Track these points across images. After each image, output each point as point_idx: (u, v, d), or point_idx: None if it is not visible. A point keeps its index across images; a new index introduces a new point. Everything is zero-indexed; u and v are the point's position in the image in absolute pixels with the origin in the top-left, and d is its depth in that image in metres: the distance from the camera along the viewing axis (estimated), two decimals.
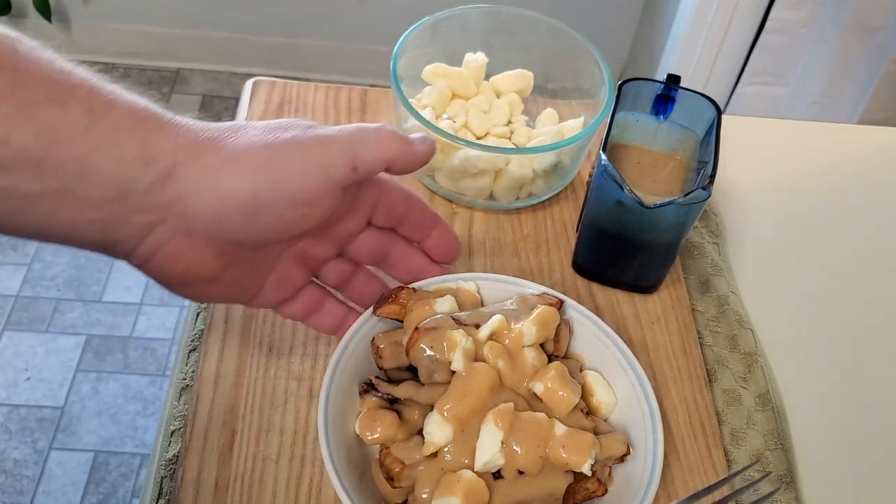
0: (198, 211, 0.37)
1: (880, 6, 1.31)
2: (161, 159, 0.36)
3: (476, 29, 0.64)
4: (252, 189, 0.38)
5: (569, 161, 0.59)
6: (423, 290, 0.48)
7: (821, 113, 1.46)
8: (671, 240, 0.53)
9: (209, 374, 0.50)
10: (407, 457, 0.42)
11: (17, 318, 1.53)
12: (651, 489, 0.42)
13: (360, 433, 0.44)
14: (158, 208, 0.37)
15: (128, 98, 0.36)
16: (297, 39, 2.02)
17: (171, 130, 0.37)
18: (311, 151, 0.39)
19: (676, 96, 0.55)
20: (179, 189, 0.36)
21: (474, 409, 0.42)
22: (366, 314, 0.47)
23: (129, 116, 0.35)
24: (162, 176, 0.36)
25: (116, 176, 0.35)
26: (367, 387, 0.45)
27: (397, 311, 0.47)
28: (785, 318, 0.59)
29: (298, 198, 0.39)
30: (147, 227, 0.37)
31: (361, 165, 0.40)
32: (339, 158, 0.40)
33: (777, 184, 0.68)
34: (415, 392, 0.44)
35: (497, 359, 0.44)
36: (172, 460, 0.47)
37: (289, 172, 0.38)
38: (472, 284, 0.49)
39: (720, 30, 1.48)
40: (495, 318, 0.45)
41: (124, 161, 0.35)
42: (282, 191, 0.38)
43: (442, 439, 0.42)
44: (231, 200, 0.37)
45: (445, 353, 0.43)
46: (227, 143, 0.38)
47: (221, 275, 0.41)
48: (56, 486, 1.33)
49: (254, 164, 0.38)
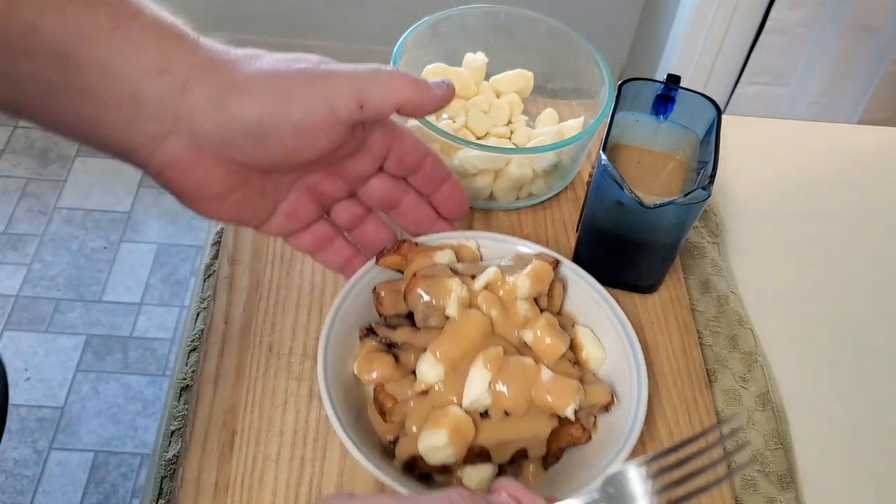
0: (205, 128, 0.39)
1: (880, 6, 1.31)
2: (176, 72, 0.38)
3: (476, 29, 0.64)
4: (257, 113, 0.39)
5: (569, 161, 0.59)
6: (425, 244, 0.49)
7: (821, 113, 1.46)
8: (671, 240, 0.53)
9: (209, 374, 0.50)
10: (399, 393, 0.45)
11: (17, 318, 1.53)
12: (633, 436, 0.43)
13: (358, 374, 0.46)
14: (169, 119, 0.38)
15: (154, 11, 0.38)
16: (297, 39, 2.02)
17: (189, 47, 0.38)
18: (319, 84, 0.40)
19: (676, 96, 0.55)
20: (189, 104, 0.38)
21: (465, 352, 0.44)
22: (368, 264, 0.49)
23: (154, 28, 0.37)
24: (174, 88, 0.38)
25: (133, 81, 0.37)
26: (366, 331, 0.48)
27: (399, 262, 0.49)
28: (785, 318, 0.59)
29: (301, 126, 0.40)
30: (159, 137, 0.39)
31: (368, 104, 0.41)
32: (346, 94, 0.40)
33: (777, 184, 0.68)
34: (411, 336, 0.46)
35: (490, 308, 0.46)
36: (172, 460, 0.47)
37: (293, 101, 0.39)
38: (472, 242, 0.51)
39: (720, 30, 1.47)
40: (491, 270, 0.47)
41: (142, 68, 0.37)
42: (286, 118, 0.39)
43: (433, 378, 0.44)
44: (236, 122, 0.39)
45: (441, 299, 0.45)
46: (240, 68, 0.39)
47: (231, 194, 0.42)
48: (56, 486, 1.33)
49: (262, 89, 0.39)
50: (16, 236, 1.65)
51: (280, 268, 0.55)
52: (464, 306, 0.45)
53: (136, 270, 1.62)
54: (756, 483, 0.49)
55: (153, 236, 1.68)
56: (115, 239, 1.67)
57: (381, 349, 0.47)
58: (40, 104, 0.37)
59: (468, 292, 0.46)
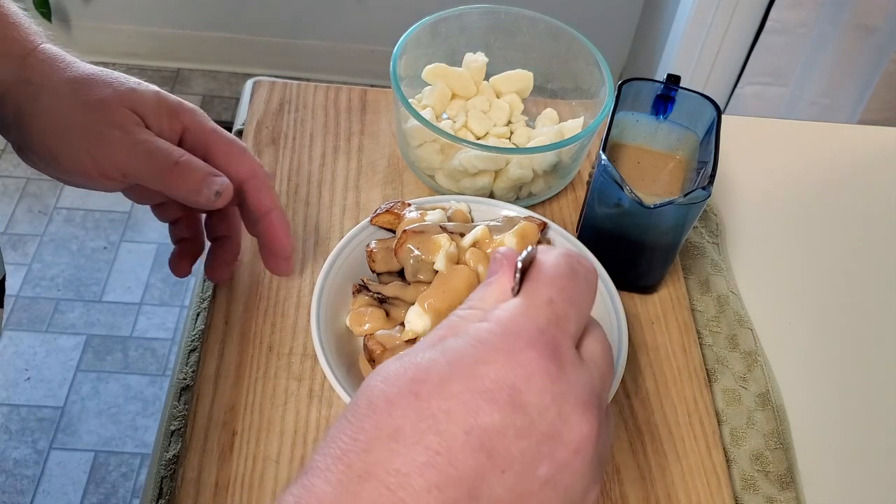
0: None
1: (880, 6, 1.31)
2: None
3: (476, 29, 0.63)
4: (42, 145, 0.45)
5: (569, 161, 0.59)
6: (418, 205, 0.52)
7: (821, 113, 1.46)
8: (671, 240, 0.53)
9: (209, 374, 0.50)
10: (388, 341, 0.47)
11: (17, 318, 1.53)
12: (611, 392, 0.44)
13: (351, 326, 0.48)
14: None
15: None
16: (297, 39, 2.02)
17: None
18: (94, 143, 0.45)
19: (676, 96, 0.55)
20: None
21: (452, 304, 0.46)
22: (363, 223, 0.51)
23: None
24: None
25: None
26: (359, 287, 0.50)
27: (391, 221, 0.51)
28: (785, 318, 0.59)
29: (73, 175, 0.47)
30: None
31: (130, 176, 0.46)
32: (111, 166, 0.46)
33: (777, 184, 0.68)
34: (401, 291, 0.48)
35: (478, 264, 0.47)
36: (172, 460, 0.47)
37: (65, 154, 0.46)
38: (464, 205, 0.53)
39: (720, 30, 1.47)
40: (479, 228, 0.49)
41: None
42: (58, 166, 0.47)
43: (420, 328, 0.46)
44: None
45: (430, 254, 0.47)
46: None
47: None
48: (56, 486, 1.33)
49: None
50: (16, 236, 1.65)
51: None
52: (452, 261, 0.47)
53: (136, 270, 1.62)
54: (756, 483, 0.49)
55: (153, 236, 1.68)
56: (115, 239, 1.67)
57: (372, 303, 0.49)
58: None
59: (456, 248, 0.48)
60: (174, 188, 0.45)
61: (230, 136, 0.48)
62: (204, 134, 0.47)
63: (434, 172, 0.60)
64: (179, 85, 2.01)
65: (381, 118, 0.66)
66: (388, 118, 0.66)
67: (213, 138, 0.47)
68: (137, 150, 0.44)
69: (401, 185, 0.61)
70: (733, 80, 1.55)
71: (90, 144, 0.44)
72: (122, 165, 0.44)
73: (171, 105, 0.47)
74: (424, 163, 0.60)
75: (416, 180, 0.61)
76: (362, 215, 0.58)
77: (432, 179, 0.60)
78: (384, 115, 0.66)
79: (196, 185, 0.45)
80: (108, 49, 2.01)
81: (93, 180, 0.45)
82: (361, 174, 0.62)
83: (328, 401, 0.49)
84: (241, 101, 0.68)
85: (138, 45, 2.02)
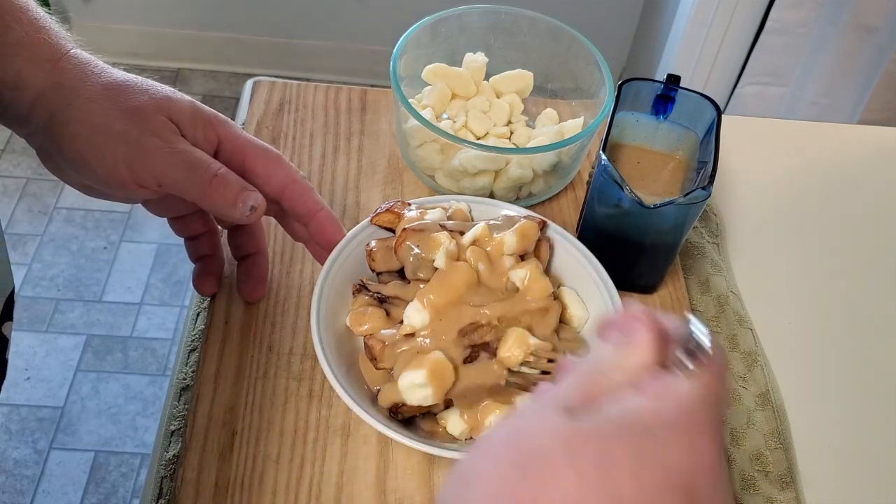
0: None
1: (880, 6, 1.31)
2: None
3: (476, 29, 0.63)
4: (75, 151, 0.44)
5: (569, 161, 0.59)
6: (418, 205, 0.52)
7: (821, 113, 1.46)
8: (671, 240, 0.53)
9: (209, 374, 0.50)
10: (388, 338, 0.47)
11: (16, 318, 1.52)
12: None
13: (351, 326, 0.48)
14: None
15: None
16: (297, 39, 2.02)
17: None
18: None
19: (676, 96, 0.55)
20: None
21: (450, 300, 0.46)
22: (363, 223, 0.51)
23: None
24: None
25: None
26: (359, 287, 0.50)
27: (391, 220, 0.51)
28: (785, 318, 0.59)
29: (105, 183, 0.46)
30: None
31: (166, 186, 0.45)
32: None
33: (777, 184, 0.68)
34: (401, 290, 0.48)
35: (478, 261, 0.47)
36: (172, 460, 0.47)
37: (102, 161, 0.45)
38: (464, 205, 0.53)
39: (720, 30, 1.47)
40: (479, 226, 0.49)
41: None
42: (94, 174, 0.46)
43: (418, 323, 0.46)
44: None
45: (430, 252, 0.47)
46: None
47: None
48: (56, 486, 1.33)
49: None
50: (16, 236, 1.65)
51: (280, 268, 0.55)
52: (451, 259, 0.47)
53: (136, 270, 1.62)
54: (756, 483, 0.49)
55: (153, 236, 1.68)
56: (115, 239, 1.67)
57: (372, 303, 0.49)
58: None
59: (456, 246, 0.48)
60: (210, 201, 0.44)
61: (264, 144, 0.48)
62: (239, 144, 0.47)
63: (434, 172, 0.60)
64: (179, 85, 2.01)
65: (381, 118, 0.66)
66: (388, 118, 0.66)
67: (248, 148, 0.47)
68: (176, 160, 0.43)
69: (401, 185, 0.61)
70: (733, 80, 1.55)
71: (126, 152, 0.43)
72: (159, 174, 0.44)
73: (207, 116, 0.46)
74: (424, 163, 0.60)
75: (416, 180, 0.61)
76: (362, 215, 0.58)
77: (432, 179, 0.60)
78: (384, 115, 0.66)
79: (232, 198, 0.44)
80: (108, 49, 1.99)
81: (126, 188, 0.44)
82: (361, 174, 0.62)
83: (328, 401, 0.49)
84: (241, 101, 0.68)
85: (138, 44, 2.01)
